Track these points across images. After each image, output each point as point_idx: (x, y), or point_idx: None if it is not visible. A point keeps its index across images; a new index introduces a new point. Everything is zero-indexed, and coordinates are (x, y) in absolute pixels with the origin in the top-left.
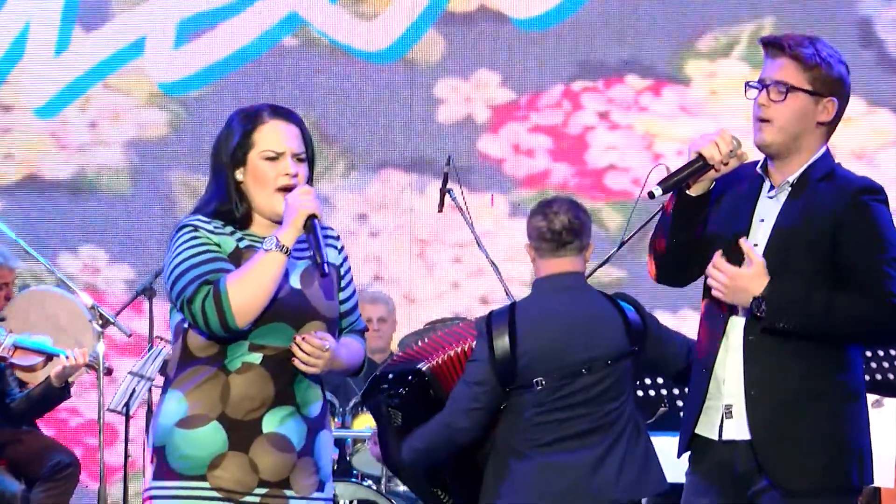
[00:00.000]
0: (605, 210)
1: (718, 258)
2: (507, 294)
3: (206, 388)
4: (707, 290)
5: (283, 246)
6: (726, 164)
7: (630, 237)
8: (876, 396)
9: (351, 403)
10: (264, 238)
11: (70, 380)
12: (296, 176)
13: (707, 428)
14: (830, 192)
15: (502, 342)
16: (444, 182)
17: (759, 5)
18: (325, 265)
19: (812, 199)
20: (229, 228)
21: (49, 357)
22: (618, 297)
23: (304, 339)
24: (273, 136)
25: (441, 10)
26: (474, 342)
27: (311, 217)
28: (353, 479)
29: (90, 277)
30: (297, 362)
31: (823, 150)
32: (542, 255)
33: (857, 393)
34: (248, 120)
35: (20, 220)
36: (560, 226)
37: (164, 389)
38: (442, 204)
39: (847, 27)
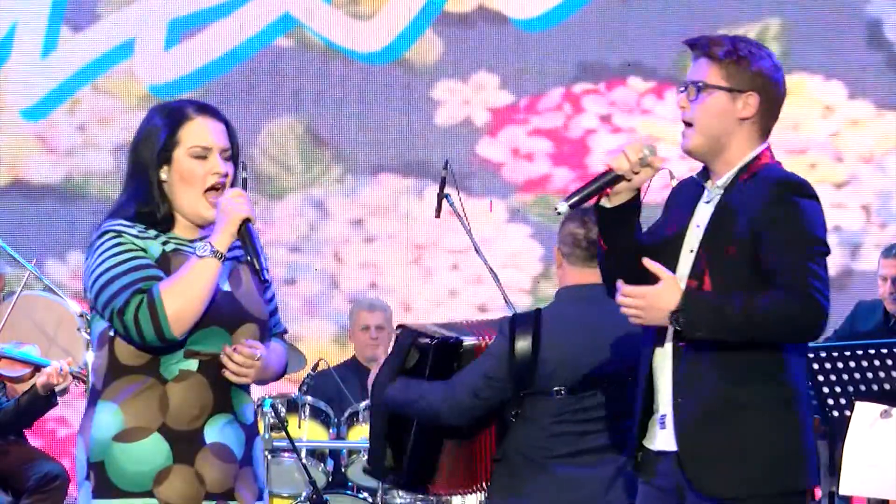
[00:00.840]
0: None
1: (622, 286)
2: (506, 302)
3: (143, 399)
4: None
5: (218, 252)
6: (637, 173)
7: None
8: (885, 406)
9: (345, 414)
10: (190, 241)
11: (56, 389)
12: (226, 175)
13: (649, 439)
14: (753, 190)
15: (524, 344)
16: (442, 187)
17: (765, 6)
18: (265, 271)
19: (738, 199)
20: (153, 232)
21: (36, 368)
22: None
23: (234, 349)
24: (200, 133)
25: (438, 11)
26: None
27: (246, 221)
28: (349, 492)
29: (79, 285)
30: (227, 373)
31: (760, 149)
32: (573, 263)
33: (793, 397)
34: (173, 116)
35: (6, 226)
36: (597, 235)
37: (91, 401)
38: (439, 209)
39: (856, 29)
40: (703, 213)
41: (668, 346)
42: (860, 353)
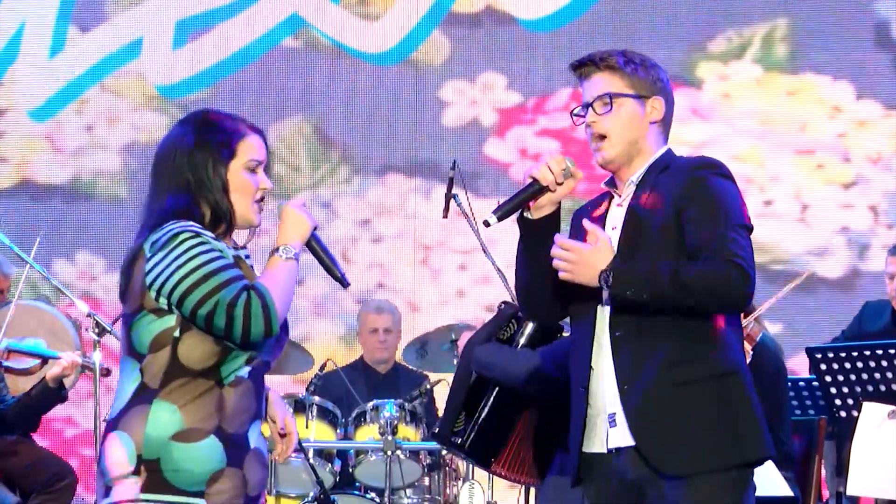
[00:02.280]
0: None
1: (561, 239)
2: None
3: (202, 402)
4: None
5: (299, 257)
6: (561, 184)
7: None
8: (892, 407)
9: (353, 414)
10: (234, 249)
11: (67, 384)
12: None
13: (595, 444)
14: (670, 177)
15: None
16: (450, 187)
17: (773, 7)
18: (345, 277)
19: (655, 189)
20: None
21: (45, 360)
22: None
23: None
24: (256, 148)
25: (446, 11)
26: None
27: (314, 229)
28: (356, 492)
29: (86, 285)
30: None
31: (665, 149)
32: None
33: (733, 370)
34: (231, 131)
35: (14, 226)
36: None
37: (143, 400)
38: (447, 209)
39: (863, 30)
40: (616, 215)
41: (606, 340)
42: (868, 353)
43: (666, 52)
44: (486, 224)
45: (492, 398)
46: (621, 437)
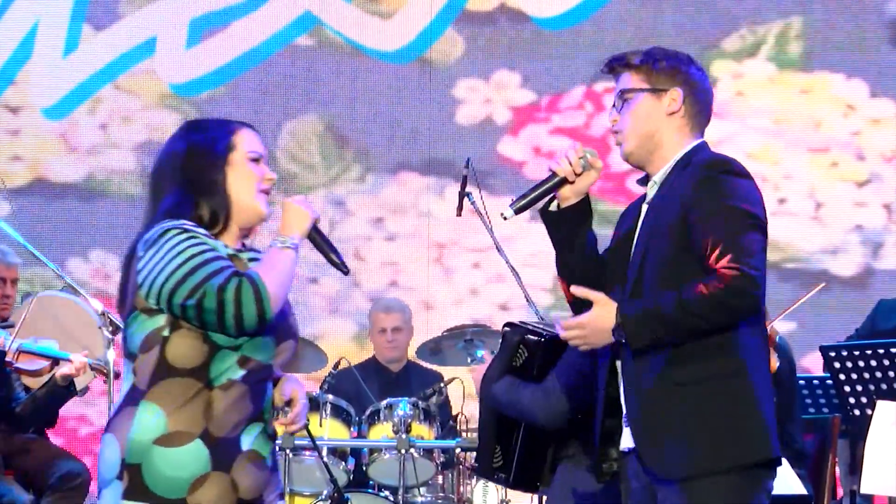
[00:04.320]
0: None
1: (562, 321)
2: (527, 301)
3: (189, 403)
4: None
5: (297, 246)
6: (580, 175)
7: None
8: None
9: (367, 413)
10: (236, 250)
11: (79, 388)
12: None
13: (623, 443)
14: (686, 176)
15: None
16: (463, 185)
17: (787, 5)
18: (345, 265)
19: (671, 187)
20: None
21: (55, 361)
22: None
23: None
24: (253, 140)
25: (460, 9)
26: None
27: (315, 222)
28: (370, 490)
29: (100, 283)
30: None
31: (695, 143)
32: None
33: (742, 369)
34: (222, 126)
35: (28, 224)
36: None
37: (131, 401)
38: (460, 208)
39: (876, 28)
40: (644, 213)
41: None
42: (882, 351)
43: (679, 50)
44: (504, 217)
45: (521, 431)
46: (629, 438)
